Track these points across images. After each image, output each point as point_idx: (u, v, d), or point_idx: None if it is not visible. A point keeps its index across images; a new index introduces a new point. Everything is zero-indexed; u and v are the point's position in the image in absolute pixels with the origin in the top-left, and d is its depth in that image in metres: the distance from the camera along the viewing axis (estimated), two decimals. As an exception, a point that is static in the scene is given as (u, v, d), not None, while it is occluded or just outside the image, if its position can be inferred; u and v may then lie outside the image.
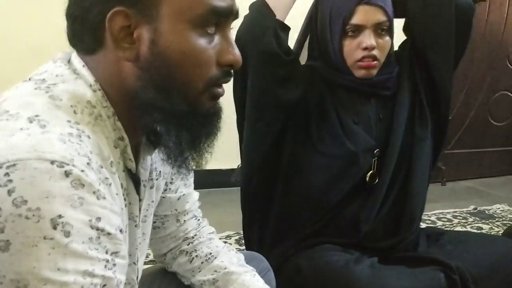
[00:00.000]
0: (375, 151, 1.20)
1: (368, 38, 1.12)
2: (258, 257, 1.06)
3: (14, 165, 0.50)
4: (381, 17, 1.13)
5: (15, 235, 0.49)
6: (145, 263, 0.83)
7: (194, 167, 0.68)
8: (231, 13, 0.64)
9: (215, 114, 0.66)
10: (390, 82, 1.22)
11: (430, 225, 2.21)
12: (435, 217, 2.38)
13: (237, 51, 0.64)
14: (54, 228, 0.50)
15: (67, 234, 0.50)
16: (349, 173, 1.18)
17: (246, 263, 0.94)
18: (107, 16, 0.59)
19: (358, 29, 1.13)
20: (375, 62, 1.15)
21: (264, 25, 1.17)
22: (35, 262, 0.49)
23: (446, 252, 1.17)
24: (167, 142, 0.66)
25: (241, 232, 1.97)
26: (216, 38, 0.63)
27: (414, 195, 1.22)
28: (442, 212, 2.46)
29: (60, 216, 0.50)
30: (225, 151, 0.75)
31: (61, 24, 0.63)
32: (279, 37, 1.17)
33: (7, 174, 0.50)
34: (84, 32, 0.62)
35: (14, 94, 0.59)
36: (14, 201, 0.49)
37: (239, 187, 1.29)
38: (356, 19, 1.12)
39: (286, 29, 1.21)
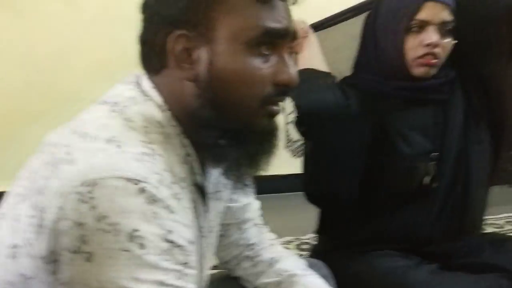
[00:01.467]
0: (432, 155, 1.19)
1: (432, 35, 1.11)
2: (318, 264, 1.08)
3: (95, 183, 0.55)
4: (447, 16, 1.12)
5: (97, 247, 0.54)
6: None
7: (249, 181, 0.72)
8: (286, 34, 0.67)
9: (271, 131, 0.69)
10: (446, 86, 1.21)
11: (497, 229, 2.14)
12: (504, 220, 2.30)
13: (292, 71, 0.67)
14: (131, 241, 0.55)
15: (142, 246, 0.55)
16: (406, 178, 1.18)
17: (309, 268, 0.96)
18: (170, 39, 0.64)
19: (423, 26, 1.12)
20: (436, 60, 1.14)
21: (330, 87, 1.16)
22: (114, 272, 0.54)
23: (510, 259, 1.14)
24: (225, 158, 0.69)
25: (301, 237, 2.01)
26: (272, 58, 0.66)
27: (474, 199, 1.20)
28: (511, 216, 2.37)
29: (136, 230, 0.55)
30: (285, 157, 0.78)
31: (123, 40, 0.69)
32: (342, 89, 1.17)
33: (89, 191, 0.55)
34: (151, 54, 0.67)
35: (92, 117, 0.65)
36: (96, 216, 0.54)
37: (300, 193, 1.31)
38: (422, 15, 1.11)
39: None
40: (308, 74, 1.15)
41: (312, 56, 1.20)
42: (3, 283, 0.64)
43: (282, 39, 0.67)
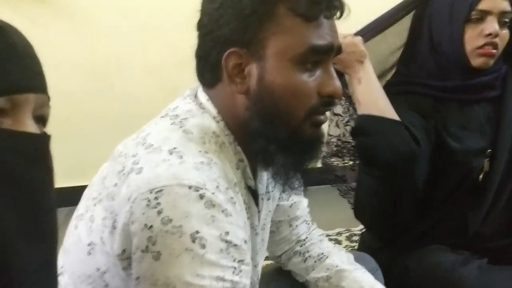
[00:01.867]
0: (486, 152, 1.19)
1: (492, 25, 1.11)
2: (366, 257, 1.11)
3: (161, 190, 0.62)
4: (507, 6, 1.12)
5: (164, 247, 0.61)
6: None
7: (297, 183, 0.76)
8: (331, 50, 0.72)
9: (317, 140, 0.74)
10: (497, 81, 1.20)
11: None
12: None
13: (336, 83, 0.72)
14: (193, 241, 0.61)
15: (203, 246, 0.62)
16: (460, 175, 1.18)
17: (355, 262, 1.01)
18: (224, 55, 0.70)
19: (483, 16, 1.12)
20: (495, 51, 1.13)
21: (401, 135, 1.08)
22: (179, 269, 0.61)
23: None
24: (274, 164, 0.75)
25: (352, 229, 2.04)
26: (318, 71, 0.71)
27: None
28: None
29: (197, 232, 0.62)
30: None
31: (174, 46, 0.76)
32: (412, 134, 1.11)
33: (156, 198, 0.62)
34: (206, 69, 0.74)
35: (155, 129, 0.72)
36: (162, 220, 0.61)
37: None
38: (483, 5, 1.11)
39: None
40: (377, 124, 1.09)
41: (371, 88, 1.12)
42: (83, 276, 0.73)
43: (327, 54, 0.72)
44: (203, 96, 0.74)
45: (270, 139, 0.72)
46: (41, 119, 0.52)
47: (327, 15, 0.70)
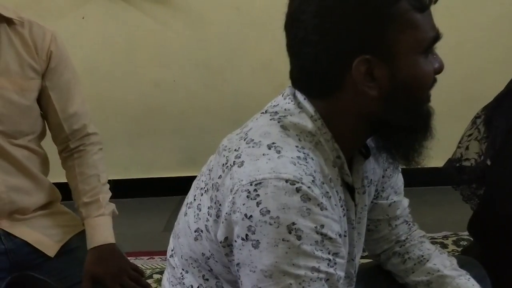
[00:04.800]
0: None
1: None
2: (472, 262, 1.06)
3: (260, 183, 0.67)
4: None
5: (263, 236, 0.65)
6: (362, 257, 0.95)
7: (414, 162, 0.78)
8: (440, 37, 0.74)
9: (432, 114, 0.78)
10: None
11: None
12: None
13: (441, 60, 0.75)
14: (290, 232, 0.65)
15: (299, 237, 0.65)
16: None
17: (460, 267, 0.97)
18: (353, 66, 0.70)
19: None
20: None
21: None
22: (276, 258, 0.65)
23: None
24: (394, 148, 0.78)
25: (459, 233, 1.94)
26: (430, 55, 0.74)
27: None
28: None
29: (294, 223, 0.65)
30: (441, 149, 0.81)
31: (283, 43, 0.78)
32: None
33: (255, 190, 0.66)
34: (319, 82, 0.74)
35: (256, 125, 0.76)
36: (261, 210, 0.66)
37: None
38: None
39: None
40: None
41: None
42: (190, 259, 0.80)
43: (438, 41, 0.74)
44: (300, 95, 0.76)
45: (403, 127, 0.75)
46: None
47: (434, 2, 0.72)
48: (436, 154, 0.81)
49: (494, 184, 1.11)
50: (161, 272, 1.70)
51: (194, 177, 0.86)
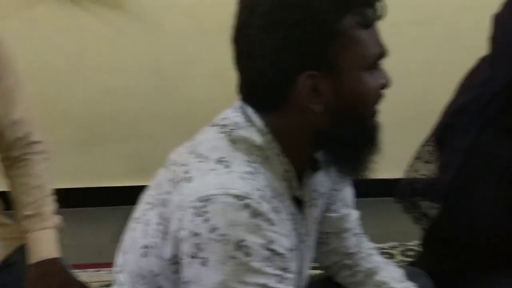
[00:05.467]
0: None
1: None
2: (419, 273, 1.08)
3: (208, 199, 0.65)
4: None
5: (211, 254, 0.64)
6: (313, 269, 0.96)
7: (361, 176, 0.80)
8: (386, 53, 0.76)
9: (378, 128, 0.78)
10: None
11: None
12: None
13: (387, 75, 0.76)
14: (238, 249, 0.64)
15: (247, 254, 0.64)
16: None
17: (409, 278, 0.98)
18: (298, 81, 0.70)
19: None
20: None
21: None
22: (225, 276, 0.64)
23: None
24: (340, 163, 0.79)
25: (406, 243, 1.99)
26: (376, 71, 0.75)
27: None
28: None
29: (242, 240, 0.64)
30: (388, 161, 0.83)
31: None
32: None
33: (203, 206, 0.65)
34: (265, 96, 0.74)
35: (204, 138, 0.75)
36: (209, 227, 0.64)
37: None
38: None
39: None
40: None
41: None
42: (139, 276, 0.78)
43: (384, 58, 0.75)
44: (250, 109, 0.76)
45: (346, 142, 0.76)
46: None
47: (379, 18, 0.74)
48: (385, 166, 0.82)
49: (453, 206, 1.12)
50: (108, 286, 1.65)
51: (144, 187, 0.84)
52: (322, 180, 0.87)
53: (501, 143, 1.08)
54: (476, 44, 1.24)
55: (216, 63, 2.24)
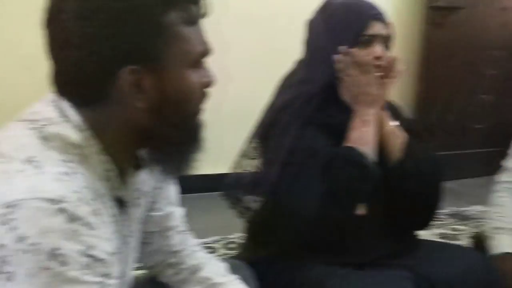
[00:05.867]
0: None
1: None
2: (240, 265, 1.11)
3: (15, 205, 0.57)
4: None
5: (18, 267, 0.57)
6: (137, 269, 0.92)
7: (184, 173, 0.78)
8: (210, 51, 0.75)
9: (201, 126, 0.78)
10: None
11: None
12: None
13: (211, 74, 0.76)
14: (51, 259, 0.58)
15: (63, 263, 0.58)
16: None
17: (232, 271, 1.00)
18: (118, 75, 0.66)
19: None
20: None
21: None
22: None
23: (417, 260, 1.19)
24: (163, 161, 0.77)
25: (228, 236, 2.06)
26: (200, 70, 0.74)
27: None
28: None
29: (56, 249, 0.58)
30: (211, 157, 0.84)
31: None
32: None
33: (9, 213, 0.57)
34: (83, 89, 0.68)
35: (9, 136, 0.66)
36: (15, 237, 0.56)
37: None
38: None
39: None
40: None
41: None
42: None
43: (207, 56, 0.75)
44: (65, 103, 0.69)
45: (170, 140, 0.74)
46: None
47: (203, 16, 0.73)
48: (206, 162, 0.82)
49: (278, 199, 1.16)
50: None
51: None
52: (145, 179, 0.84)
53: (319, 139, 1.17)
54: (291, 47, 1.32)
55: (25, 53, 2.03)
